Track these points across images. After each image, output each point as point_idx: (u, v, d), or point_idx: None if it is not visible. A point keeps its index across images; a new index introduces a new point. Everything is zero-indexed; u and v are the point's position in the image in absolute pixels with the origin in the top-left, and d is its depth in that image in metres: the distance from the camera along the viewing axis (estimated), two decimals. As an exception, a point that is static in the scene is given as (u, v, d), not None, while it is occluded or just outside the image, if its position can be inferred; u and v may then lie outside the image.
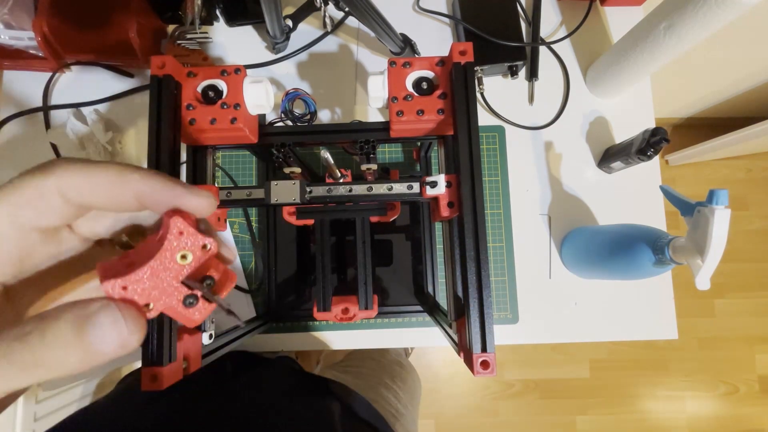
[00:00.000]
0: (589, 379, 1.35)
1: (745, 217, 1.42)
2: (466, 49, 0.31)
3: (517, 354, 1.36)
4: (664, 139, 0.47)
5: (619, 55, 0.52)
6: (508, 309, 0.55)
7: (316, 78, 0.60)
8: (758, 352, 1.36)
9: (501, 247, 0.57)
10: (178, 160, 0.31)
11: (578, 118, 0.60)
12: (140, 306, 0.16)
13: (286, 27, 0.55)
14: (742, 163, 1.44)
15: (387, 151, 0.59)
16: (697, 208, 0.35)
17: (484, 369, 0.27)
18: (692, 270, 0.35)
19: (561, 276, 0.57)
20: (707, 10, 0.40)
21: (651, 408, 1.34)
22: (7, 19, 0.51)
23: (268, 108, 0.33)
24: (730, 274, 1.38)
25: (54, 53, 0.54)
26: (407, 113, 0.31)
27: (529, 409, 1.33)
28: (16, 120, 0.57)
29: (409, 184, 0.32)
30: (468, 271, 0.29)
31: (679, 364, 1.35)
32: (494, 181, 0.58)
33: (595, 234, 0.51)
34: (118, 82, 0.59)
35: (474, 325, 0.28)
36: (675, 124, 1.45)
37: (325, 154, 0.33)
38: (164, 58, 0.30)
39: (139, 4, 0.54)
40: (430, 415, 1.32)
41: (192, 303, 0.17)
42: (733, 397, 1.34)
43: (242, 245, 0.56)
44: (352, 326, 0.55)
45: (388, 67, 0.32)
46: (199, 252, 0.17)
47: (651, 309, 0.56)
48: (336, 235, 0.54)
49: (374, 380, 0.62)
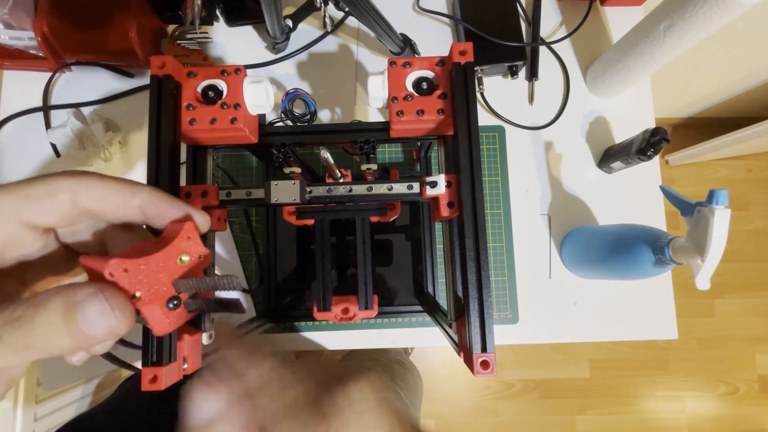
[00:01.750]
0: (589, 379, 1.35)
1: (745, 217, 1.42)
2: (466, 49, 0.31)
3: (517, 354, 1.36)
4: (664, 139, 0.47)
5: (619, 55, 0.52)
6: (508, 309, 0.55)
7: (316, 78, 0.60)
8: (758, 352, 1.36)
9: (501, 247, 0.57)
10: (178, 160, 0.31)
11: (578, 118, 0.60)
12: (128, 293, 0.16)
13: (286, 27, 0.55)
14: (742, 163, 1.44)
15: (387, 151, 0.59)
16: (697, 208, 0.35)
17: (484, 369, 0.27)
18: (692, 270, 0.35)
19: (561, 276, 0.57)
20: (707, 10, 0.40)
21: (651, 408, 1.34)
22: (7, 19, 0.51)
23: (268, 108, 0.33)
24: (730, 274, 1.38)
25: (54, 53, 0.54)
26: (407, 113, 0.31)
27: (529, 409, 1.33)
28: (16, 120, 0.57)
29: (409, 184, 0.32)
30: (468, 271, 0.29)
31: (679, 364, 1.35)
32: (494, 181, 0.58)
33: (595, 234, 0.51)
34: (118, 82, 0.59)
35: (474, 325, 0.28)
36: (675, 124, 1.45)
37: (325, 154, 0.33)
38: (164, 58, 0.30)
39: (139, 4, 0.54)
40: (430, 415, 1.32)
41: (174, 307, 0.18)
42: (733, 397, 1.34)
43: (242, 245, 0.56)
44: (352, 326, 0.55)
45: (388, 67, 0.32)
46: (195, 259, 0.18)
47: (651, 309, 0.56)
48: (336, 235, 0.54)
49: None
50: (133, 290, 0.17)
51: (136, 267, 0.17)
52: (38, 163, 0.57)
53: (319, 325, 0.55)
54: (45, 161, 0.56)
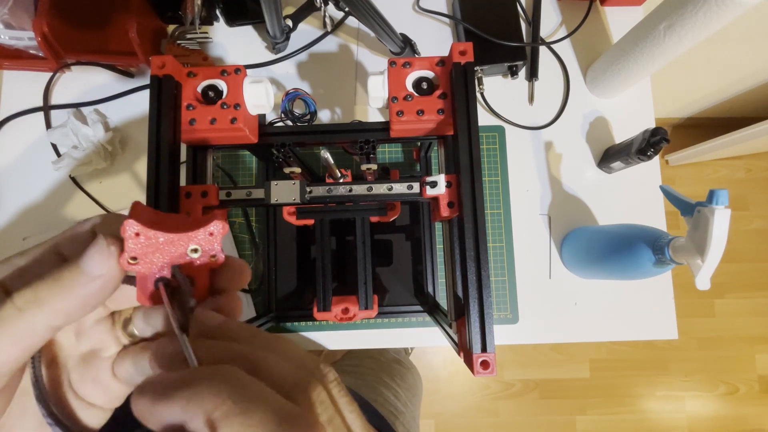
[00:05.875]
0: (589, 379, 1.35)
1: (745, 217, 1.42)
2: (466, 49, 0.31)
3: (517, 354, 1.36)
4: (664, 139, 0.47)
5: (619, 55, 0.52)
6: (508, 309, 0.55)
7: (316, 78, 0.60)
8: (758, 352, 1.36)
9: (501, 247, 0.57)
10: (178, 160, 0.31)
11: (578, 118, 0.60)
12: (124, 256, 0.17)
13: (286, 27, 0.55)
14: (742, 163, 1.44)
15: (387, 151, 0.59)
16: (697, 208, 0.35)
17: (484, 369, 0.27)
18: (692, 270, 0.35)
19: (561, 276, 0.57)
20: (707, 10, 0.40)
21: (651, 408, 1.33)
22: (7, 19, 0.51)
23: (268, 108, 0.33)
24: (730, 274, 1.38)
25: (54, 53, 0.54)
26: (407, 113, 0.31)
27: (529, 409, 1.33)
28: (16, 120, 0.57)
29: (409, 184, 0.32)
30: (468, 271, 0.29)
31: (679, 364, 1.35)
32: (494, 181, 0.58)
33: (595, 234, 0.51)
34: (118, 82, 0.59)
35: (474, 325, 0.28)
36: (675, 124, 1.45)
37: (325, 154, 0.33)
38: (164, 58, 0.30)
39: (139, 4, 0.54)
40: (430, 415, 1.32)
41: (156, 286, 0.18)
42: (733, 397, 1.34)
43: (242, 245, 0.56)
44: (352, 326, 0.55)
45: (388, 67, 0.32)
46: (206, 257, 0.18)
47: (651, 309, 0.56)
48: (336, 235, 0.54)
49: (373, 379, 0.62)
50: (133, 254, 0.17)
51: (149, 237, 0.17)
52: (38, 163, 0.57)
53: (319, 325, 0.55)
54: (45, 161, 0.56)
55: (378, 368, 0.67)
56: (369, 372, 0.65)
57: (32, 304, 0.15)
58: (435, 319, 0.45)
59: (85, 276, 0.16)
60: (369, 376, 0.63)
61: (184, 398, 0.13)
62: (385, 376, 0.64)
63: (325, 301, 0.43)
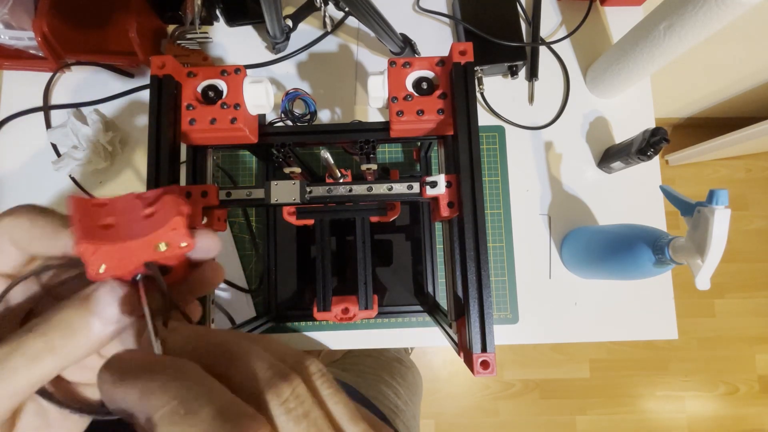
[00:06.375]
0: (589, 379, 1.35)
1: (745, 217, 1.42)
2: (466, 49, 0.31)
3: (517, 354, 1.36)
4: (664, 139, 0.47)
5: (619, 55, 0.52)
6: (508, 309, 0.55)
7: (316, 78, 0.60)
8: (758, 352, 1.36)
9: (501, 247, 0.57)
10: (178, 160, 0.31)
11: (578, 118, 0.60)
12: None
13: (286, 27, 0.55)
14: (742, 163, 1.44)
15: (387, 151, 0.59)
16: (697, 208, 0.35)
17: (484, 369, 0.27)
18: (692, 270, 0.35)
19: (561, 276, 0.57)
20: (707, 10, 0.40)
21: (651, 408, 1.34)
22: (7, 19, 0.51)
23: (268, 108, 0.33)
24: (730, 274, 1.38)
25: (54, 53, 0.54)
26: (407, 113, 0.31)
27: (529, 409, 1.33)
28: (16, 120, 0.57)
29: (409, 184, 0.32)
30: (468, 271, 0.29)
31: (679, 364, 1.35)
32: (494, 181, 0.58)
33: (595, 234, 0.51)
34: (118, 82, 0.59)
35: (474, 325, 0.28)
36: (675, 124, 1.45)
37: (325, 154, 0.33)
38: (164, 58, 0.30)
39: (139, 4, 0.54)
40: (430, 415, 1.32)
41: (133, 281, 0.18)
42: (733, 397, 1.34)
43: (242, 245, 0.56)
44: (352, 326, 0.55)
45: (388, 67, 0.32)
46: (177, 248, 0.18)
47: (651, 309, 0.56)
48: (336, 235, 0.54)
49: (373, 378, 0.62)
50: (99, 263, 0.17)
51: (107, 252, 0.17)
52: (38, 163, 0.57)
53: (319, 325, 0.55)
54: (45, 161, 0.56)
55: (378, 367, 0.67)
56: (369, 370, 0.65)
57: (46, 352, 0.15)
58: (435, 319, 0.45)
59: (101, 321, 0.16)
60: (369, 374, 0.63)
61: (138, 389, 0.13)
62: (386, 374, 0.64)
63: (325, 301, 0.43)
